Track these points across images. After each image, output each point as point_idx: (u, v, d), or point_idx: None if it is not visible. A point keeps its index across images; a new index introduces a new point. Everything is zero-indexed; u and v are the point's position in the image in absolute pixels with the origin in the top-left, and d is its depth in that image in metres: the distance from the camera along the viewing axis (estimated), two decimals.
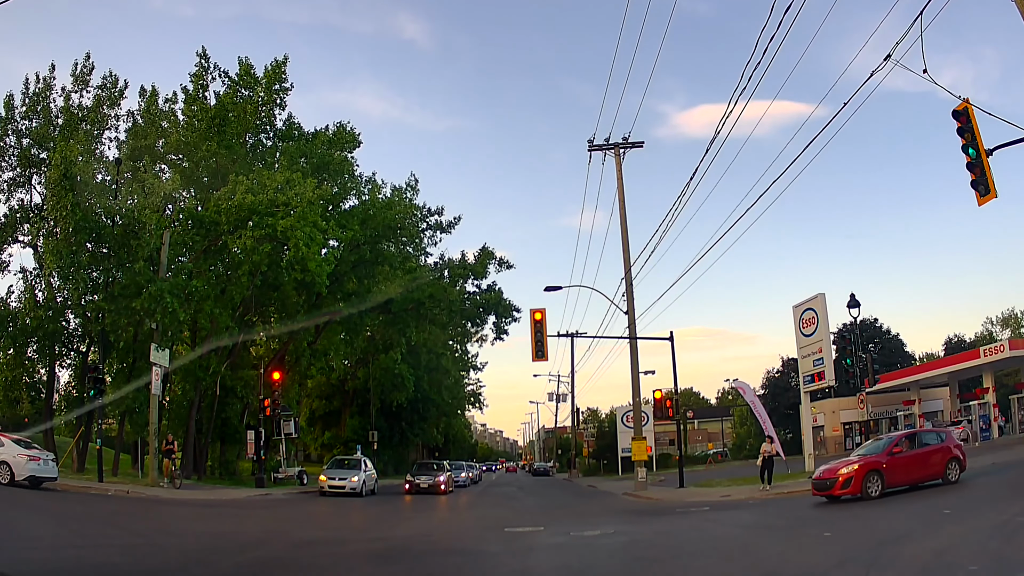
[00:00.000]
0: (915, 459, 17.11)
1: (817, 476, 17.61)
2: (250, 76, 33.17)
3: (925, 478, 17.24)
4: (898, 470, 16.73)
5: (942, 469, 17.33)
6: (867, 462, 16.67)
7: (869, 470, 16.34)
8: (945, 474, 17.27)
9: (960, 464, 17.62)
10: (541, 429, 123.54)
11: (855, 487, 16.11)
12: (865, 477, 16.19)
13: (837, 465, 17.16)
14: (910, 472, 16.97)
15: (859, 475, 16.17)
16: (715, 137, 18.73)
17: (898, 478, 16.72)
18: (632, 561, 10.57)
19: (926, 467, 17.27)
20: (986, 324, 73.90)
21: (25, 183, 32.48)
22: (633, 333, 29.47)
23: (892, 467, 16.63)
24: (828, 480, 16.84)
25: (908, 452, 17.16)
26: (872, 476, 16.28)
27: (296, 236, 27.67)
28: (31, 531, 12.67)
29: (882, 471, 16.41)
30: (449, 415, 73.32)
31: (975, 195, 12.39)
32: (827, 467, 17.48)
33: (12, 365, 30.59)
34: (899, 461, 16.81)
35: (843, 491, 16.29)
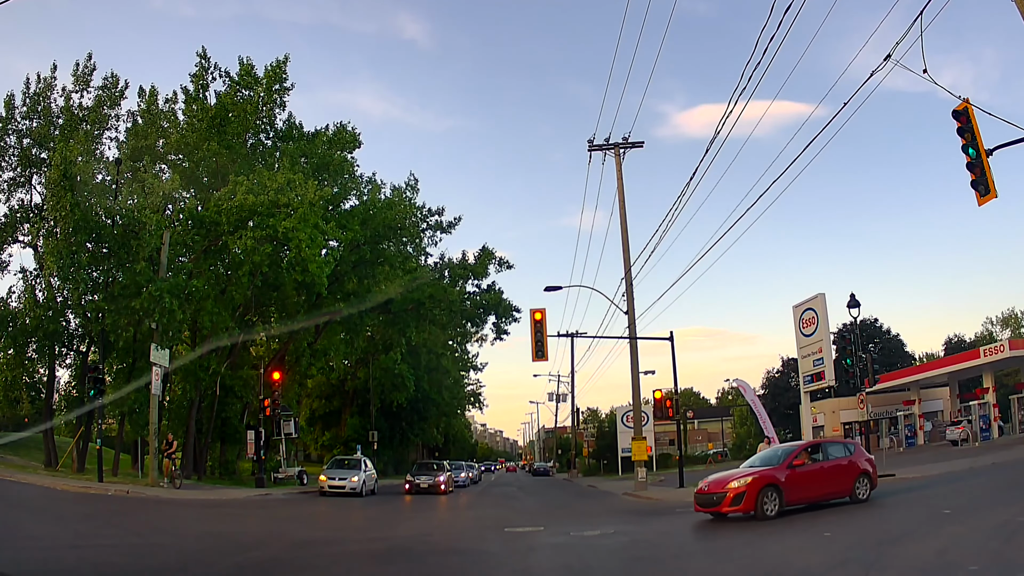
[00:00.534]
0: (819, 474, 15.04)
1: (701, 489, 15.15)
2: (251, 76, 33.16)
3: (830, 495, 15.26)
4: (799, 485, 14.57)
5: (850, 486, 15.37)
6: (763, 475, 14.38)
7: (765, 484, 14.09)
8: (854, 491, 15.32)
9: (870, 480, 15.74)
10: (541, 429, 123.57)
11: (748, 504, 13.91)
12: (760, 493, 13.97)
13: (726, 477, 15.04)
14: (813, 488, 14.89)
15: (753, 490, 13.97)
16: (715, 137, 18.75)
17: (799, 495, 14.59)
18: (632, 561, 10.57)
19: (832, 483, 15.21)
20: (986, 324, 74.05)
21: (25, 183, 32.50)
22: (633, 333, 29.46)
23: (792, 482, 14.43)
24: (715, 495, 14.55)
25: (811, 465, 15.15)
26: (768, 492, 14.07)
27: (297, 237, 27.66)
28: (31, 531, 12.67)
29: (780, 486, 14.21)
30: (449, 415, 73.32)
31: (975, 195, 12.40)
32: (714, 479, 15.37)
33: (12, 365, 30.59)
34: (801, 475, 14.69)
35: (733, 508, 14.08)
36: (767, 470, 14.64)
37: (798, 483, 14.52)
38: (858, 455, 16.10)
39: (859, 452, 16.37)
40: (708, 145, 21.99)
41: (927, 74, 12.77)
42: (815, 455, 15.61)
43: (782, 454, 15.56)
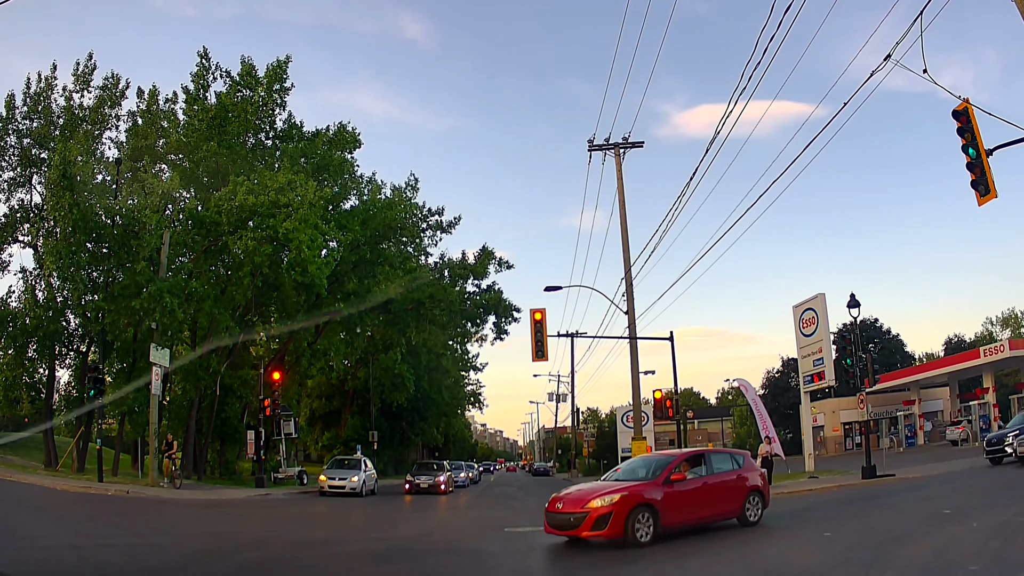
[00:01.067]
0: (702, 491, 12.69)
1: (554, 506, 12.28)
2: (251, 76, 33.15)
3: (715, 516, 13.00)
4: (678, 505, 12.09)
5: (739, 505, 13.13)
6: (633, 492, 11.73)
7: (636, 504, 11.52)
8: (743, 511, 13.14)
9: (763, 498, 13.57)
10: (541, 429, 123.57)
11: (615, 528, 11.24)
12: (631, 514, 11.36)
13: (587, 492, 12.13)
14: (695, 508, 12.50)
15: (621, 510, 11.34)
16: (715, 137, 18.78)
17: (678, 516, 12.07)
18: (632, 561, 10.56)
19: (717, 501, 12.92)
20: (986, 324, 74.06)
21: (25, 183, 32.49)
22: (633, 333, 29.46)
23: (670, 501, 11.94)
24: (572, 515, 11.69)
25: (692, 481, 12.68)
26: (641, 513, 11.50)
27: (297, 238, 27.66)
28: (31, 531, 12.67)
29: (655, 506, 11.70)
30: (449, 415, 73.32)
31: (975, 195, 12.41)
32: (571, 494, 12.50)
33: (12, 365, 30.59)
34: (680, 494, 12.22)
35: (596, 533, 11.34)
36: (638, 486, 12.09)
37: (677, 502, 12.08)
38: (748, 468, 13.93)
39: (749, 465, 14.13)
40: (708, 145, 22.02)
41: (927, 74, 12.79)
42: (697, 468, 13.12)
43: (656, 466, 12.94)
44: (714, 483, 13.03)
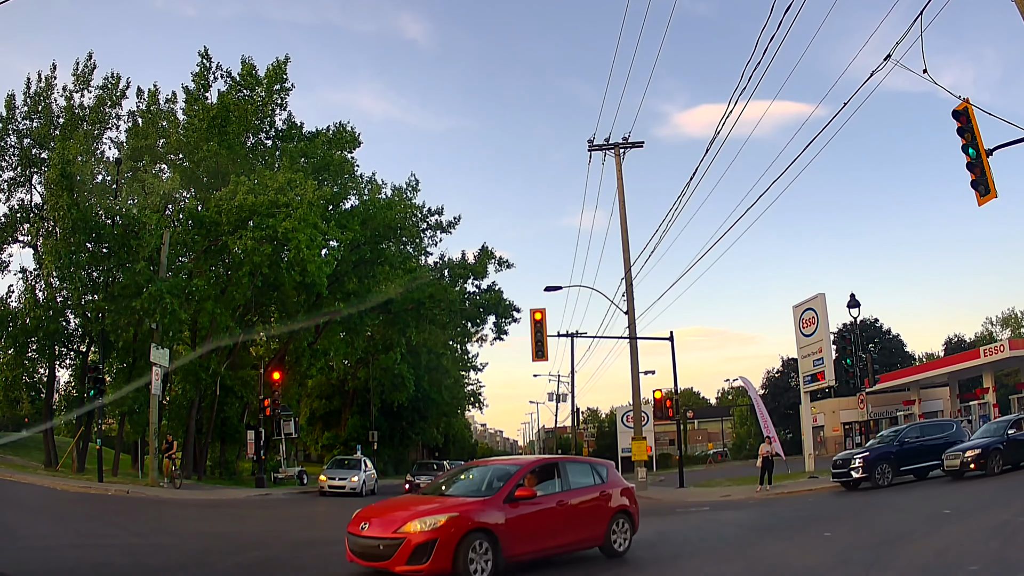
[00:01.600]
0: (557, 513, 9.92)
1: (358, 528, 9.01)
2: (252, 76, 33.17)
3: (573, 545, 10.32)
4: (525, 530, 9.31)
5: (603, 530, 10.48)
6: (464, 514, 8.86)
7: (470, 529, 8.68)
8: (608, 538, 10.52)
9: (631, 522, 11.02)
10: (541, 429, 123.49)
11: (441, 561, 8.39)
12: (462, 543, 8.55)
13: (403, 510, 9.18)
14: (547, 534, 9.70)
15: (449, 538, 8.44)
16: (715, 137, 18.78)
17: (525, 545, 9.34)
18: (632, 561, 10.56)
19: (576, 526, 10.19)
20: (986, 324, 74.06)
21: (25, 183, 32.50)
22: (633, 333, 29.46)
23: (515, 526, 9.16)
24: (383, 541, 8.57)
25: (543, 500, 9.77)
26: (476, 541, 8.66)
27: (297, 238, 27.66)
28: (31, 531, 12.68)
29: (495, 532, 8.87)
30: (449, 415, 73.31)
31: (975, 195, 12.40)
32: (381, 509, 9.53)
33: (12, 365, 30.58)
34: (528, 517, 9.38)
35: (414, 567, 8.35)
36: (472, 504, 9.19)
37: (523, 527, 9.29)
38: (613, 483, 11.17)
39: (614, 479, 11.37)
40: (708, 145, 22.04)
41: (927, 74, 12.78)
42: (548, 481, 10.29)
43: (495, 477, 10.09)
44: (572, 502, 10.23)
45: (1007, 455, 18.80)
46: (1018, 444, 19.16)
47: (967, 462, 18.79)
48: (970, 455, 18.82)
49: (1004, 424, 19.94)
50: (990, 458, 18.57)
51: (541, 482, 10.25)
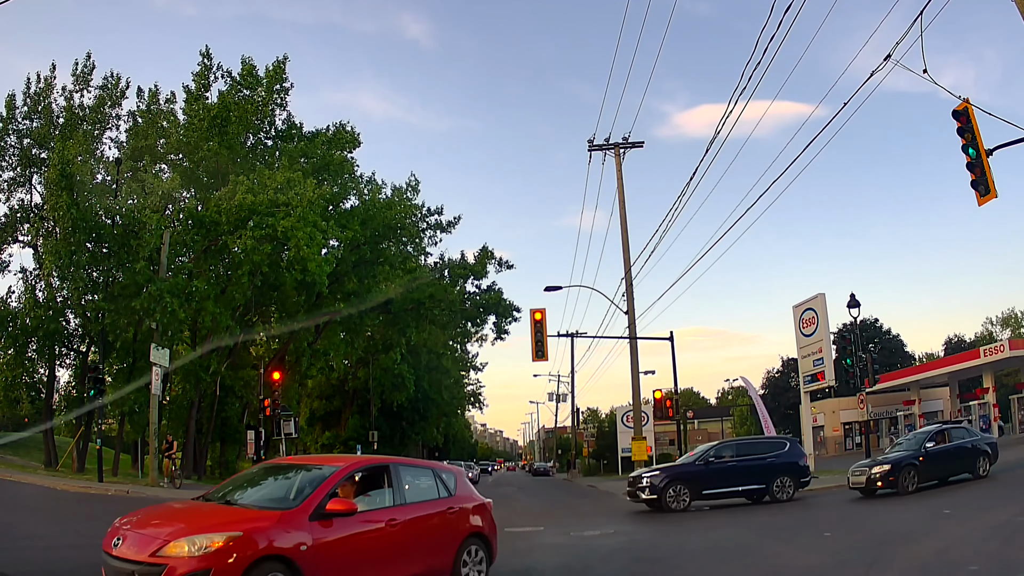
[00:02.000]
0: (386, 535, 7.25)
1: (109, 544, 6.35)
2: (252, 76, 33.16)
3: None
4: (341, 560, 6.73)
5: (450, 561, 7.95)
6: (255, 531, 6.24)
7: (262, 557, 6.08)
8: (457, 571, 8.00)
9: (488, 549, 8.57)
10: (541, 429, 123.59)
11: None
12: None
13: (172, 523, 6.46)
14: (373, 566, 7.06)
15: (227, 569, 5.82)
16: (715, 137, 18.78)
17: None
18: (632, 561, 10.57)
19: (413, 555, 7.53)
20: (986, 324, 74.06)
21: (25, 183, 32.52)
22: (633, 333, 29.47)
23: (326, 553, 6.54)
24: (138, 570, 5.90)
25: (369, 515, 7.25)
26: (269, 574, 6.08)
27: (296, 237, 27.67)
28: (31, 531, 12.67)
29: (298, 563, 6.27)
30: (449, 415, 73.33)
31: (975, 195, 12.40)
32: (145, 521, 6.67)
33: (12, 365, 30.60)
34: (345, 540, 6.79)
35: None
36: (265, 519, 6.49)
37: (338, 555, 6.70)
38: (463, 497, 8.63)
39: (464, 491, 8.78)
40: (708, 145, 22.04)
41: (927, 74, 12.77)
42: (375, 491, 7.72)
43: (303, 483, 7.20)
44: (406, 520, 7.56)
45: (924, 471, 17.03)
46: (938, 459, 17.42)
47: (874, 479, 16.88)
48: (878, 471, 16.96)
49: (923, 436, 18.34)
50: (902, 475, 16.68)
51: (365, 492, 7.60)
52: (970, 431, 19.64)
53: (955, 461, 17.88)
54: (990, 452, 18.26)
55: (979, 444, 18.37)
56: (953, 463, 17.85)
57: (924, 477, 16.98)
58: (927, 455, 17.18)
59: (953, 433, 18.54)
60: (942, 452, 17.60)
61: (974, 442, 18.42)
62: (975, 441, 18.53)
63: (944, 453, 17.58)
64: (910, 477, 16.68)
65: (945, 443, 17.72)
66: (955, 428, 19.55)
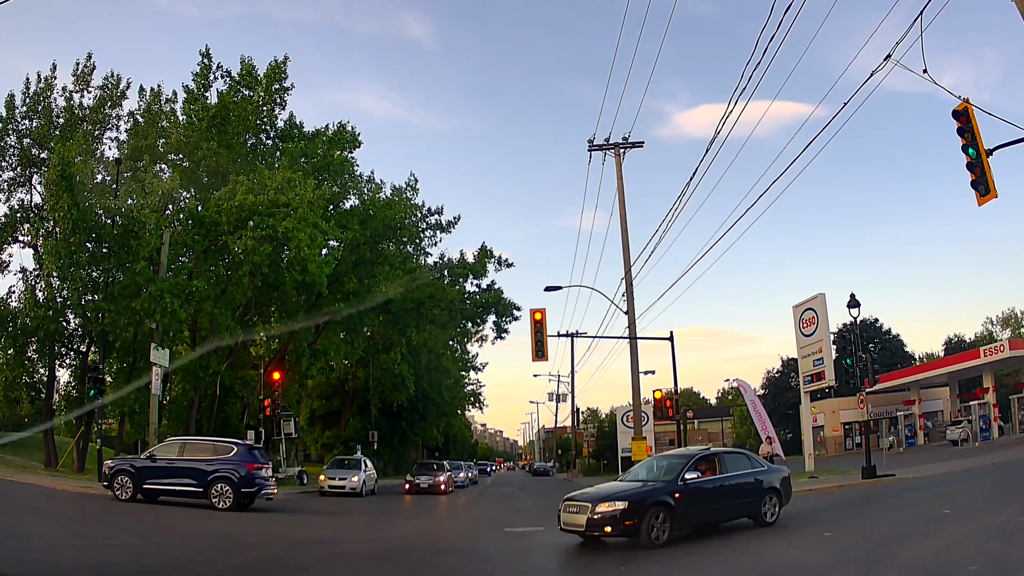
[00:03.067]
0: None
1: None
2: (251, 76, 33.09)
3: None
4: None
5: None
6: None
7: None
8: None
9: None
10: (541, 429, 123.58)
11: None
12: None
13: None
14: None
15: None
16: (715, 137, 18.77)
17: None
18: (632, 561, 10.56)
19: None
20: (986, 324, 74.04)
21: (25, 183, 32.50)
22: (633, 333, 29.46)
23: None
24: None
25: None
26: None
27: (297, 238, 27.65)
28: (31, 531, 12.67)
29: None
30: (449, 415, 73.34)
31: (975, 195, 12.40)
32: None
33: (12, 365, 30.59)
34: None
35: None
36: None
37: None
38: None
39: None
40: (708, 145, 22.02)
41: (927, 74, 12.77)
42: None
43: None
44: None
45: (681, 514, 11.76)
46: (703, 496, 12.37)
47: (599, 521, 11.35)
48: (606, 510, 11.38)
49: (681, 462, 12.68)
50: (648, 518, 11.31)
51: None
52: (753, 459, 14.20)
53: (729, 500, 12.80)
54: (780, 489, 13.56)
55: (765, 478, 13.46)
56: (726, 503, 12.79)
57: (681, 522, 11.84)
58: (687, 490, 11.99)
59: (727, 460, 13.38)
60: (710, 487, 12.53)
61: (758, 475, 13.43)
62: (760, 474, 13.51)
63: (713, 489, 12.57)
64: (659, 522, 11.43)
65: (715, 474, 12.79)
66: (731, 454, 14.31)
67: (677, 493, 11.83)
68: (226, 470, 17.41)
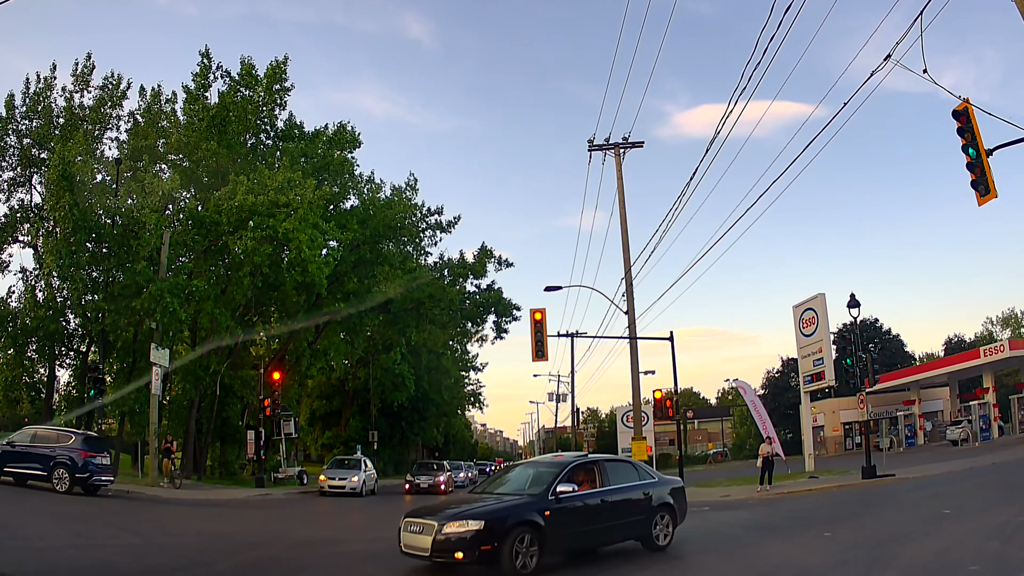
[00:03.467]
0: None
1: None
2: (251, 76, 33.09)
3: None
4: None
5: None
6: None
7: None
8: None
9: None
10: (541, 429, 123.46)
11: None
12: None
13: None
14: None
15: None
16: (715, 137, 18.73)
17: None
18: (631, 561, 10.56)
19: None
20: (986, 324, 74.02)
21: (25, 183, 32.53)
22: (633, 333, 29.44)
23: None
24: None
25: None
26: None
27: (297, 238, 27.66)
28: (31, 531, 12.66)
29: None
30: (449, 415, 73.33)
31: (975, 195, 12.39)
32: None
33: (12, 365, 30.62)
34: None
35: None
36: None
37: None
38: None
39: None
40: (708, 145, 22.02)
41: (927, 74, 12.76)
42: None
43: None
44: None
45: (552, 535, 9.50)
46: (579, 515, 10.08)
47: (446, 546, 8.98)
48: (456, 530, 9.01)
49: (551, 472, 10.35)
50: (509, 541, 9.01)
51: None
52: (641, 469, 11.85)
53: (612, 519, 10.59)
54: (673, 505, 11.39)
55: (656, 492, 11.24)
56: (608, 522, 10.55)
57: (552, 546, 9.57)
58: (559, 507, 9.72)
59: (610, 470, 10.98)
60: (589, 503, 10.29)
61: (648, 488, 11.20)
62: (650, 486, 11.27)
63: (593, 506, 10.33)
64: (524, 547, 9.13)
65: (595, 486, 10.52)
66: (614, 462, 11.72)
67: (547, 510, 9.57)
68: (65, 457, 18.75)
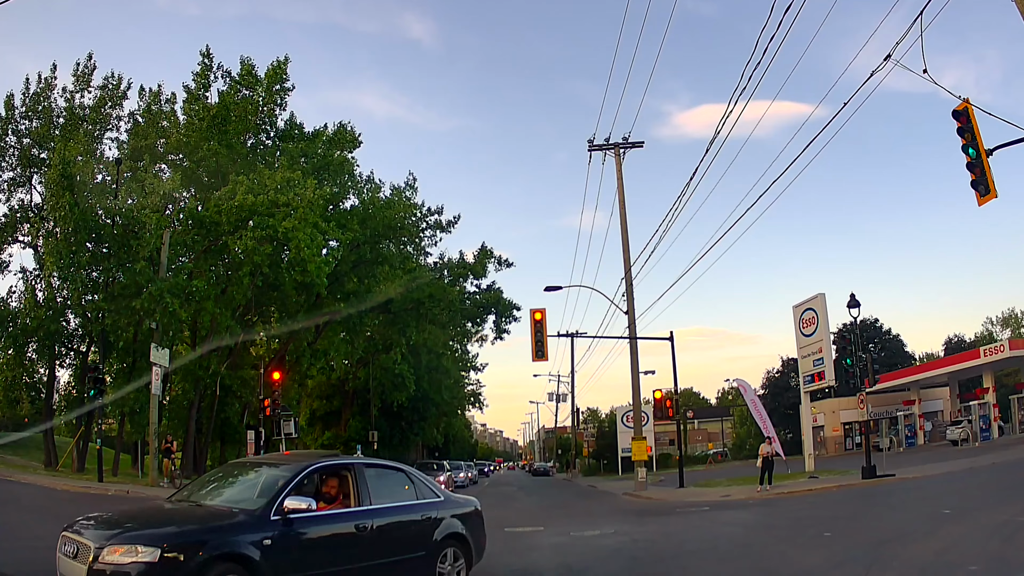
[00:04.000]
0: None
1: None
2: (251, 76, 33.08)
3: None
4: None
5: None
6: None
7: None
8: None
9: None
10: (541, 429, 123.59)
11: None
12: None
13: None
14: None
15: None
16: (715, 137, 18.78)
17: None
18: (632, 561, 10.57)
19: None
20: (986, 324, 74.06)
21: (25, 183, 32.50)
22: (633, 333, 29.45)
23: None
24: None
25: None
26: None
27: (297, 238, 27.65)
28: (31, 531, 12.67)
29: None
30: (449, 415, 73.32)
31: (975, 195, 12.39)
32: None
33: (12, 365, 30.58)
34: None
35: None
36: None
37: None
38: None
39: None
40: (708, 145, 22.05)
41: (927, 74, 12.76)
42: None
43: None
44: None
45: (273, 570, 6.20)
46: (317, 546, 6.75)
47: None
48: (119, 560, 5.69)
49: (281, 476, 6.99)
50: None
51: None
52: (418, 482, 8.40)
53: (372, 556, 7.24)
54: (467, 537, 8.39)
55: (440, 515, 8.17)
56: (366, 560, 7.16)
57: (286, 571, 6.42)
58: (285, 534, 6.52)
59: (372, 481, 7.70)
60: (336, 531, 7.06)
61: (428, 511, 8.08)
62: (431, 508, 8.16)
63: (343, 535, 7.09)
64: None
65: (349, 503, 7.34)
66: (376, 469, 8.20)
67: (267, 537, 6.34)
68: None
